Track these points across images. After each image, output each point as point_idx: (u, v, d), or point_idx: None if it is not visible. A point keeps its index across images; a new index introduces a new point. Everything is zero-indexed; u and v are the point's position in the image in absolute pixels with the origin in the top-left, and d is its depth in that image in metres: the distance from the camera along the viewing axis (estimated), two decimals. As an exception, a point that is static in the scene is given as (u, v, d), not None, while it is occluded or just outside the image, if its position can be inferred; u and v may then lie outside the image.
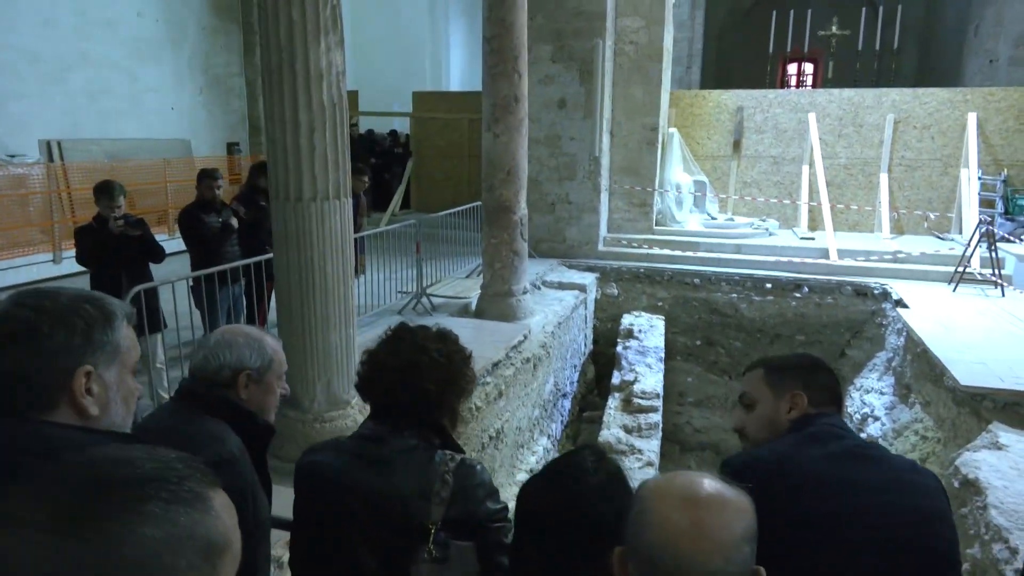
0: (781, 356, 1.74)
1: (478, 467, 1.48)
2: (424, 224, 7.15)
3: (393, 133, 16.02)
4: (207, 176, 5.22)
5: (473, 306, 7.06)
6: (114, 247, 4.36)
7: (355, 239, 6.07)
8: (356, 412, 3.89)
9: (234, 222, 5.25)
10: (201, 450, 1.49)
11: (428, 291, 7.05)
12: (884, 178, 10.31)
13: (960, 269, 8.00)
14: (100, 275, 4.41)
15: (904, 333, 6.95)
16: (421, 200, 13.23)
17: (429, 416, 1.49)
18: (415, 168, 13.34)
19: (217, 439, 1.51)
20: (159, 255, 4.55)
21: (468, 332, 6.27)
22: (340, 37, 3.62)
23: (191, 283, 4.58)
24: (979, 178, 9.69)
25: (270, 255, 4.74)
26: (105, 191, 4.37)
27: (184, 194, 10.27)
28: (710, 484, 0.91)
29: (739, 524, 0.88)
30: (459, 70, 22.41)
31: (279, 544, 3.04)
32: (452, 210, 8.14)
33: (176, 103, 11.42)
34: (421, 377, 1.47)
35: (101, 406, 1.09)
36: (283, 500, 3.31)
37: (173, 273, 4.72)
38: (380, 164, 13.86)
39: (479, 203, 8.03)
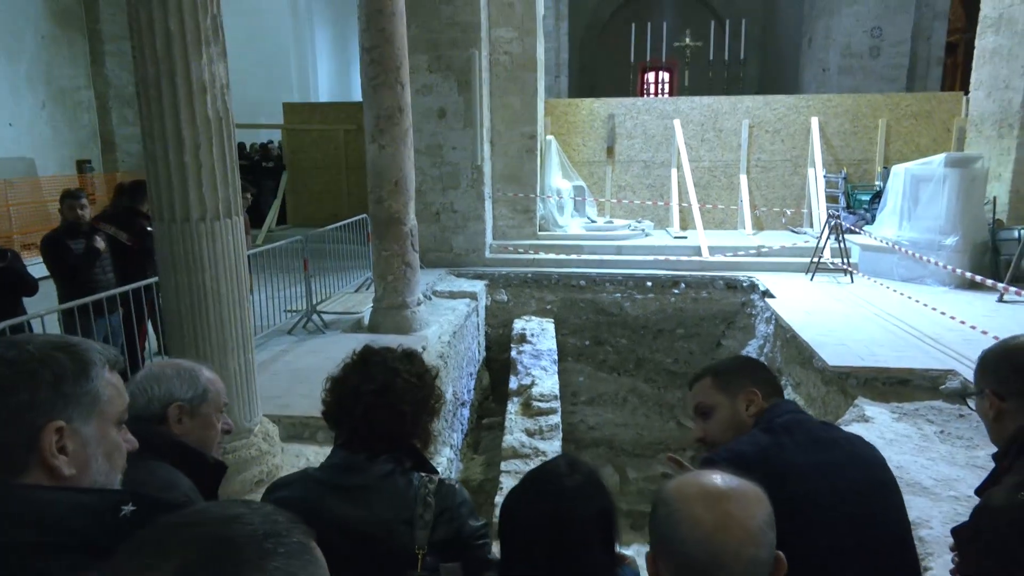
0: (718, 363, 1.83)
1: (457, 486, 1.47)
2: (310, 240, 6.92)
3: (264, 147, 15.37)
4: (70, 197, 4.77)
5: (366, 321, 6.91)
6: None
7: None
8: (260, 440, 3.72)
9: (100, 245, 4.83)
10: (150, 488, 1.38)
11: (318, 308, 6.82)
12: (744, 179, 11.14)
13: (815, 260, 8.77)
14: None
15: (773, 321, 7.53)
16: (299, 214, 12.78)
17: (404, 439, 1.45)
18: (289, 182, 12.87)
19: (169, 485, 1.42)
20: (30, 287, 4.11)
21: (365, 348, 6.14)
22: (222, 48, 3.45)
23: (61, 316, 4.17)
24: (824, 176, 10.69)
25: (150, 280, 4.44)
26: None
27: (31, 218, 9.34)
28: (726, 479, 0.96)
29: (761, 512, 0.94)
30: (327, 79, 21.89)
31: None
32: (338, 224, 7.94)
33: (14, 118, 10.36)
34: (397, 399, 1.44)
35: (78, 465, 0.99)
36: None
37: (43, 306, 4.29)
38: (250, 179, 13.23)
39: (364, 216, 7.89)
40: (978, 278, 7.18)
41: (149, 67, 3.21)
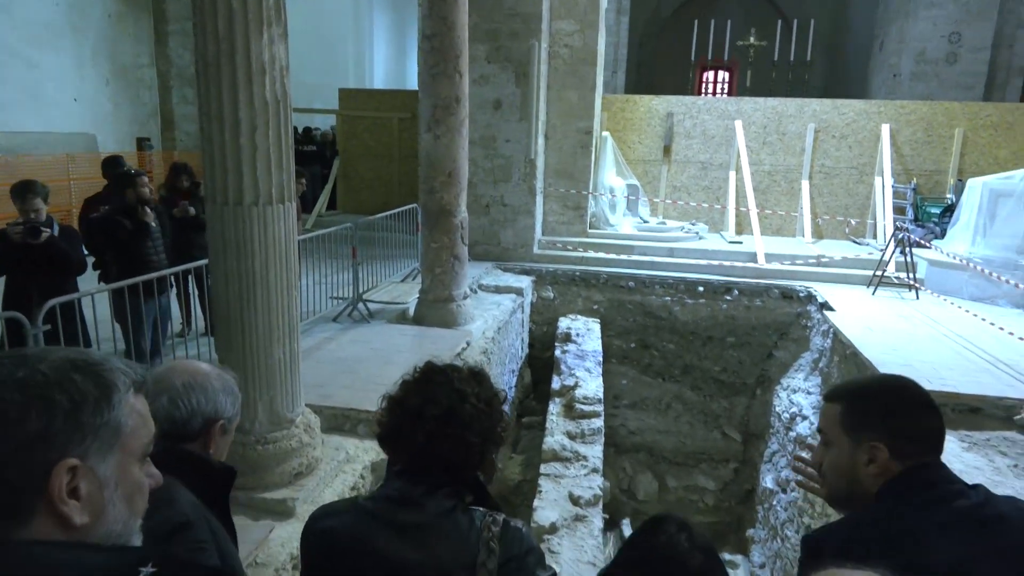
0: (863, 383, 1.46)
1: (524, 529, 1.31)
2: (360, 227, 6.87)
3: (307, 131, 15.45)
4: (131, 179, 4.72)
5: (411, 312, 6.83)
6: (17, 256, 3.91)
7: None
8: (301, 431, 3.65)
9: (153, 222, 4.80)
10: (149, 518, 1.27)
11: (364, 296, 6.77)
12: (805, 185, 10.72)
13: (879, 273, 8.38)
14: (9, 287, 3.94)
15: (831, 335, 7.20)
16: (350, 201, 12.81)
17: (468, 471, 1.32)
18: (341, 168, 12.92)
19: (165, 501, 1.26)
20: (70, 266, 4.03)
21: (409, 340, 6.08)
22: (284, 29, 3.36)
23: (111, 296, 4.15)
24: (892, 186, 10.21)
25: (201, 262, 4.42)
26: (16, 193, 3.91)
27: (89, 193, 9.54)
28: None
29: None
30: (383, 67, 21.96)
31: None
32: (388, 212, 7.88)
33: (79, 94, 10.59)
34: (464, 427, 1.29)
35: (93, 511, 0.83)
36: (243, 535, 3.04)
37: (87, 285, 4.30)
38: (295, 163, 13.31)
39: (414, 205, 7.82)
40: (1057, 302, 6.74)
41: (209, 46, 3.14)
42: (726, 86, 23.55)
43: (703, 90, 23.37)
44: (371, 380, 4.94)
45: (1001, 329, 6.56)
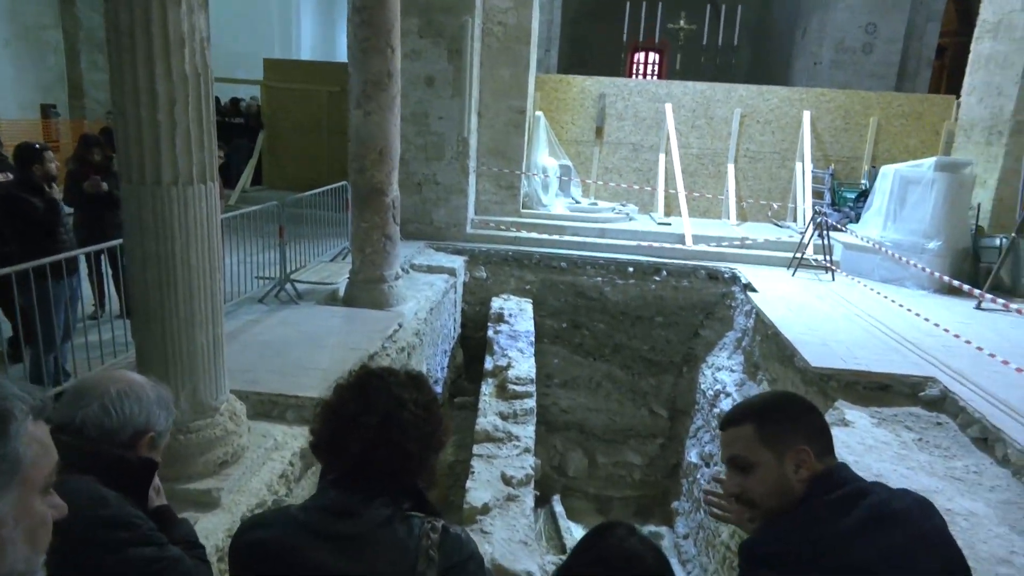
0: (761, 401, 1.52)
1: (463, 536, 1.29)
2: (287, 205, 6.65)
3: (235, 102, 14.79)
4: (35, 156, 4.37)
5: (341, 293, 6.69)
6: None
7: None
8: (226, 419, 3.52)
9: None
10: (81, 515, 1.22)
11: (292, 277, 6.58)
12: (731, 168, 11.03)
13: (798, 255, 8.73)
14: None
15: (754, 315, 7.47)
16: (276, 176, 12.38)
17: (408, 479, 1.28)
18: (267, 142, 12.45)
19: (97, 499, 1.25)
20: None
21: (340, 322, 5.95)
22: (204, -3, 3.18)
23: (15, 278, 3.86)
24: (812, 171, 10.62)
25: (116, 241, 4.18)
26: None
27: (-10, 162, 8.86)
28: None
29: None
30: (311, 37, 21.25)
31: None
32: (317, 190, 7.65)
33: (-25, 55, 9.80)
34: (402, 435, 1.24)
35: None
36: None
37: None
38: (222, 136, 12.72)
39: (344, 183, 7.62)
40: (956, 283, 7.18)
41: (121, 14, 2.94)
42: (657, 68, 23.87)
43: (634, 71, 23.62)
44: (300, 364, 4.81)
45: (909, 310, 6.96)
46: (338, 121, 11.24)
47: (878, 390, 5.33)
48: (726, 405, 7.23)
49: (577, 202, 10.89)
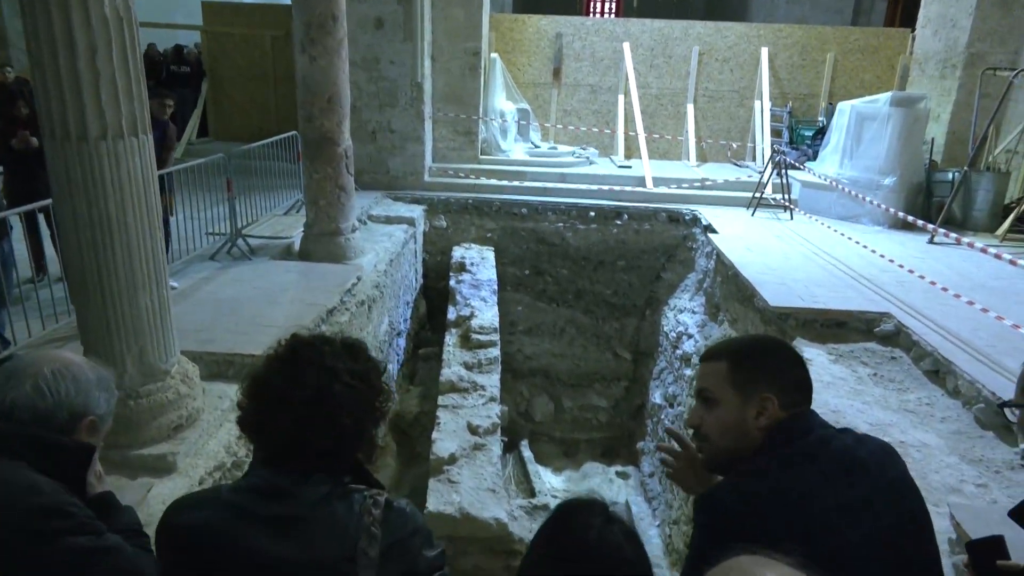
0: (744, 343, 1.51)
1: (408, 509, 1.22)
2: (234, 157, 6.37)
3: (178, 49, 14.05)
4: None
5: (296, 246, 6.51)
6: None
7: (162, 176, 5.27)
8: (178, 382, 3.41)
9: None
10: (12, 504, 1.14)
11: (244, 232, 6.36)
12: (691, 108, 10.93)
13: (757, 195, 8.76)
14: None
15: (714, 256, 7.50)
16: (222, 128, 11.89)
17: (344, 455, 1.20)
18: (211, 91, 11.90)
19: (28, 486, 1.18)
20: None
21: (295, 277, 5.80)
22: (122, -68, 2.92)
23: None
24: (770, 109, 10.58)
25: (48, 200, 3.95)
26: None
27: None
28: None
29: None
30: (253, -22, 20.15)
31: None
32: (265, 141, 7.34)
33: None
34: (335, 410, 1.16)
35: None
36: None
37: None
38: (167, 85, 12.11)
39: (294, 132, 7.33)
40: (910, 219, 7.29)
41: (29, -50, 2.68)
42: (614, 5, 23.36)
43: (591, 10, 23.09)
44: (255, 322, 4.68)
45: (864, 247, 7.06)
46: (285, 67, 10.77)
47: (835, 327, 5.42)
48: (688, 347, 7.32)
49: (536, 147, 10.72)
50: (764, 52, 10.75)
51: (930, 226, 7.19)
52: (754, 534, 1.10)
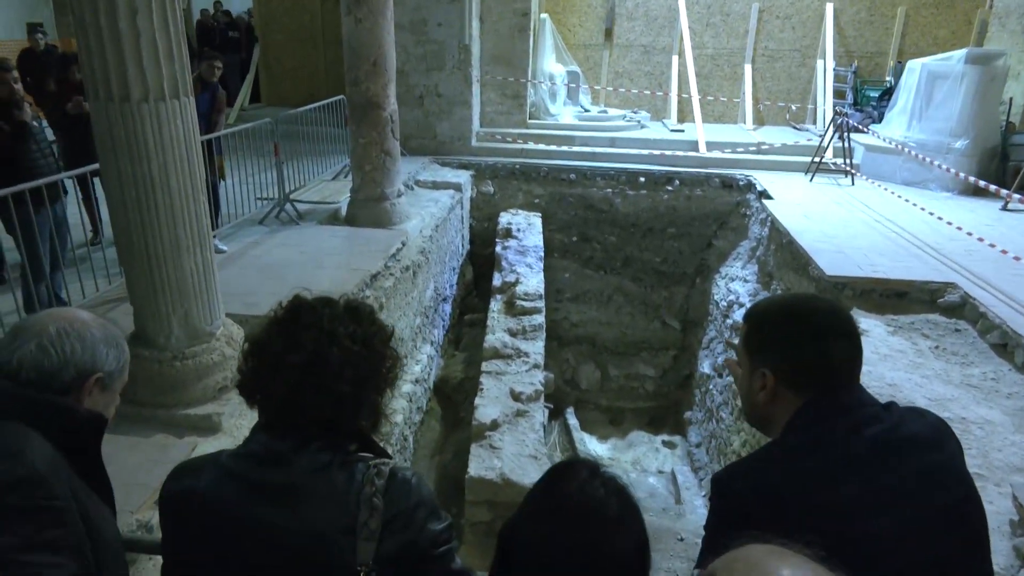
0: (773, 305, 1.34)
1: (413, 480, 1.16)
2: (281, 122, 6.40)
3: (228, 14, 14.18)
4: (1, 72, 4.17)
5: (343, 212, 6.54)
6: None
7: (212, 140, 5.33)
8: (223, 344, 3.46)
9: (30, 119, 4.21)
10: None
11: (292, 197, 6.41)
12: (748, 69, 10.49)
13: (816, 160, 8.38)
14: None
15: (769, 223, 7.23)
16: (273, 93, 12.00)
17: (343, 423, 1.15)
18: (262, 57, 11.99)
19: (9, 454, 1.10)
20: None
21: (341, 242, 5.83)
22: None
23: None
24: (833, 69, 10.07)
25: (94, 165, 4.01)
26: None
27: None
28: None
29: None
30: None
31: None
32: (312, 105, 7.35)
33: (-48, -28, 9.36)
34: (332, 376, 1.11)
35: None
36: (138, 459, 2.91)
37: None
38: (219, 49, 12.25)
39: (342, 97, 7.33)
40: (983, 184, 6.86)
41: (68, -91, 2.67)
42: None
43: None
44: (301, 286, 4.56)
45: (931, 214, 6.70)
46: (334, 31, 10.74)
47: (895, 297, 5.18)
48: (739, 316, 7.12)
49: (586, 110, 10.48)
50: (829, 8, 10.18)
51: (1004, 192, 6.75)
52: (767, 522, 1.02)
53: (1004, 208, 7.11)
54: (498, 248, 7.83)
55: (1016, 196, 6.66)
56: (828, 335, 1.19)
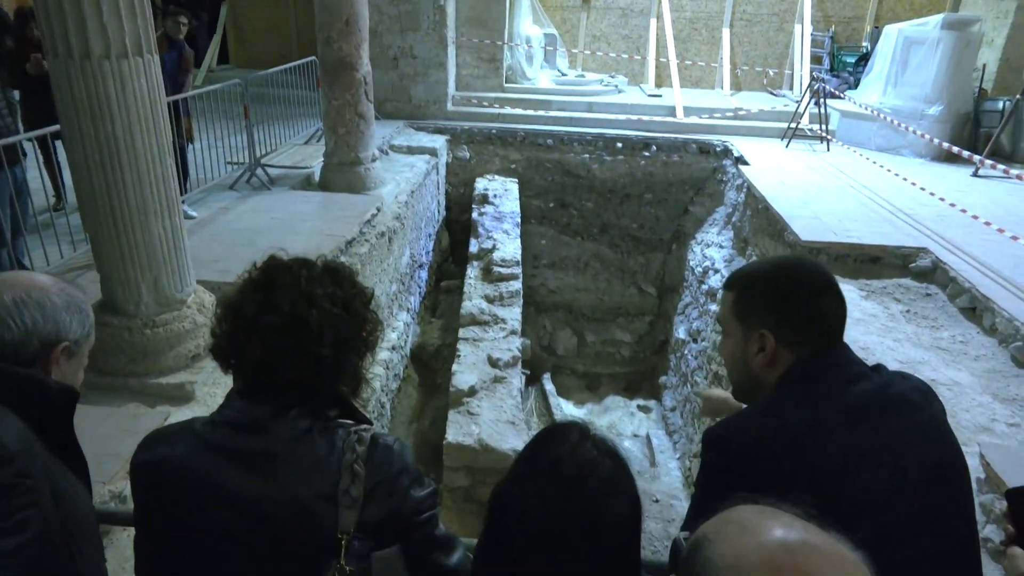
0: (757, 269, 1.32)
1: (395, 446, 1.13)
2: (251, 83, 6.22)
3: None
4: None
5: (316, 177, 6.42)
6: None
7: (180, 101, 5.17)
8: (194, 312, 3.39)
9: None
10: None
11: (263, 161, 6.27)
12: (726, 33, 10.41)
13: (793, 125, 8.39)
14: None
15: (745, 189, 7.25)
16: (242, 54, 11.66)
17: (324, 388, 1.12)
18: (230, 15, 11.61)
19: None
20: None
21: (314, 207, 5.73)
22: None
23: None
24: (811, 34, 10.03)
25: (55, 127, 3.87)
26: None
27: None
28: (812, 549, 0.61)
29: None
30: None
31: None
32: (283, 67, 7.15)
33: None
34: (312, 339, 1.07)
35: None
36: (109, 429, 2.85)
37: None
38: (186, 5, 11.82)
39: (314, 58, 7.13)
40: (955, 149, 6.93)
41: None
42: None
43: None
44: (273, 252, 4.63)
45: (904, 180, 6.76)
46: (305, -11, 10.44)
47: (869, 262, 5.24)
48: (715, 282, 7.17)
49: (563, 74, 10.35)
50: (807, -29, 10.13)
51: (976, 157, 6.83)
52: (762, 477, 1.01)
53: (975, 174, 7.19)
54: (475, 214, 7.76)
55: (988, 162, 6.74)
56: (821, 292, 1.20)
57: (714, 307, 6.87)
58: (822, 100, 8.22)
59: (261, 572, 1.06)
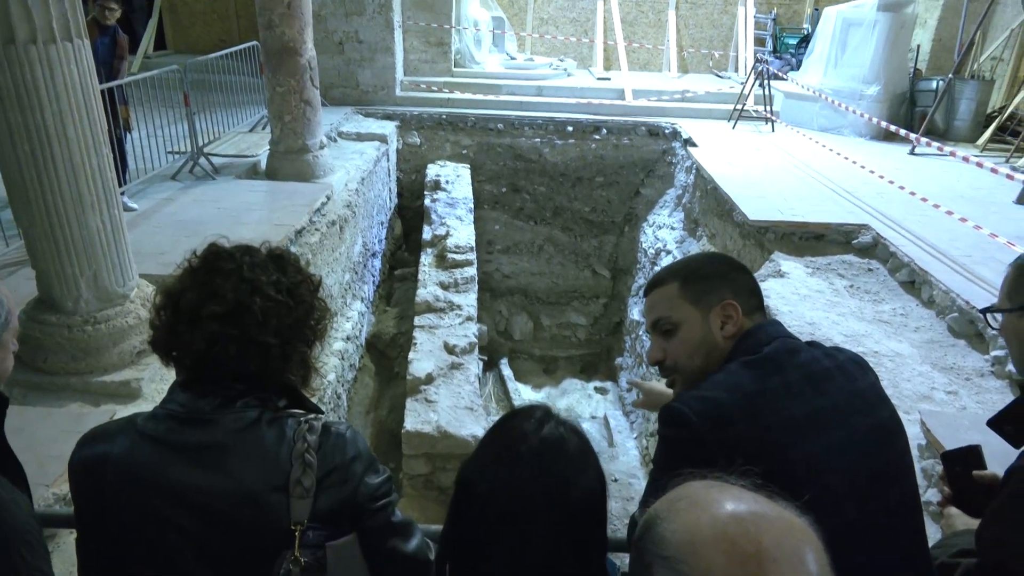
0: (685, 261, 1.39)
1: (347, 433, 1.11)
2: (190, 69, 6.01)
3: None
4: None
5: (263, 165, 6.26)
6: None
7: (115, 88, 4.96)
8: (138, 307, 3.28)
9: None
10: None
11: (206, 150, 6.08)
12: (672, 15, 10.50)
13: (738, 107, 8.53)
14: None
15: (694, 170, 7.36)
16: (180, 39, 11.25)
17: (270, 378, 1.08)
18: (167, -1, 11.20)
19: None
20: None
21: (261, 196, 5.60)
22: None
23: None
24: (754, 16, 10.20)
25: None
26: None
27: None
28: (762, 519, 0.62)
29: (816, 559, 0.61)
30: None
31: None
32: (223, 52, 6.93)
33: None
34: (257, 328, 1.04)
35: None
36: (51, 430, 2.74)
37: None
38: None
39: (255, 42, 6.93)
40: (893, 128, 7.15)
41: None
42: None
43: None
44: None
45: (846, 158, 6.95)
46: (244, -27, 10.13)
47: (813, 240, 5.38)
48: (667, 262, 7.28)
49: (512, 58, 10.31)
50: (749, -46, 10.28)
51: (912, 136, 7.06)
52: (723, 443, 1.04)
53: (912, 152, 7.45)
54: (427, 201, 7.69)
55: (923, 140, 6.98)
56: (744, 270, 1.31)
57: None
58: (766, 81, 8.38)
59: (212, 567, 1.03)
